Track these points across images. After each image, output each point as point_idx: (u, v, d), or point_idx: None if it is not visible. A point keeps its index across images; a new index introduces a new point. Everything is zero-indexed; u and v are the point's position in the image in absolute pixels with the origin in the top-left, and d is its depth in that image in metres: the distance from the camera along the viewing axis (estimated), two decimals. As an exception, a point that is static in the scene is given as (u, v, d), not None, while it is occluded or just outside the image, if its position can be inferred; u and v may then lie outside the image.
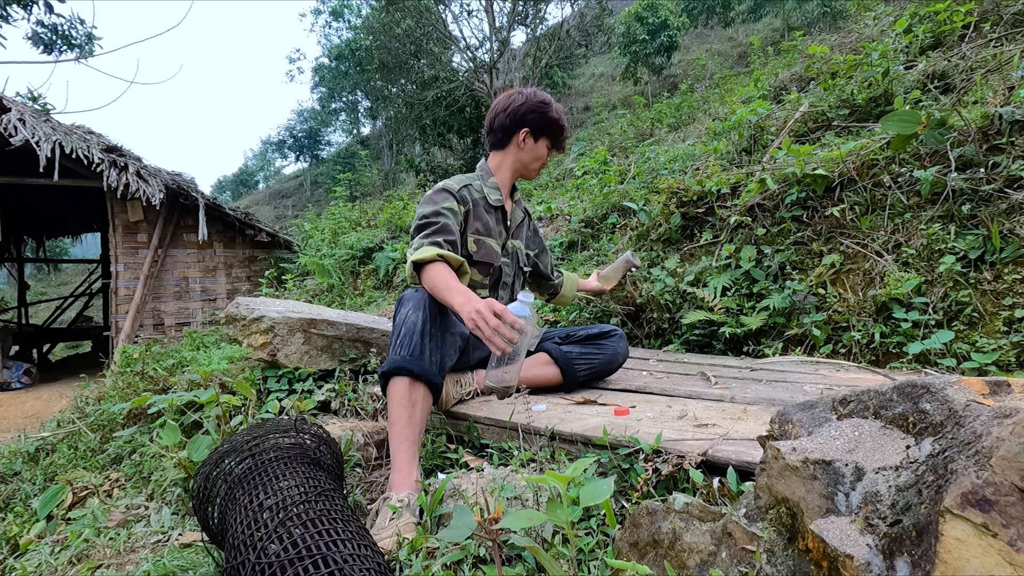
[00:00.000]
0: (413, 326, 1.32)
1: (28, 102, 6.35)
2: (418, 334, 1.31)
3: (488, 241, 1.65)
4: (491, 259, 1.66)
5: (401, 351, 1.29)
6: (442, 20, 11.41)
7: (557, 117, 1.70)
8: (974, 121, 2.08)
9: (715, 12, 16.91)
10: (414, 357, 1.28)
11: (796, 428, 0.72)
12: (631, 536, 0.81)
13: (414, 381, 1.26)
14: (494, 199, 1.69)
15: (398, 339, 1.32)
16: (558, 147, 1.74)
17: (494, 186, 1.71)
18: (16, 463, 1.93)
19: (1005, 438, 0.50)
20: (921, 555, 0.51)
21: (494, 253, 1.67)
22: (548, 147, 1.73)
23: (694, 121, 7.09)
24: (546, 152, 1.73)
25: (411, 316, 1.33)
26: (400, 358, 1.27)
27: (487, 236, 1.65)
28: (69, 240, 10.93)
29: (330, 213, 6.70)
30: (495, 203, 1.69)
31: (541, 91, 1.71)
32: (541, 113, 1.67)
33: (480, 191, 1.67)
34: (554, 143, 1.73)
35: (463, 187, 1.64)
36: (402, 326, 1.33)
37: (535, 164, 1.73)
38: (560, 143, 1.73)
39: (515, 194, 1.82)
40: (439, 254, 1.40)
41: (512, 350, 1.19)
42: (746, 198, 2.53)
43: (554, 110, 1.69)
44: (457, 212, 1.57)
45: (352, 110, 25.49)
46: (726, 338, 2.21)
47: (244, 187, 38.49)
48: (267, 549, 0.75)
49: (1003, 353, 1.66)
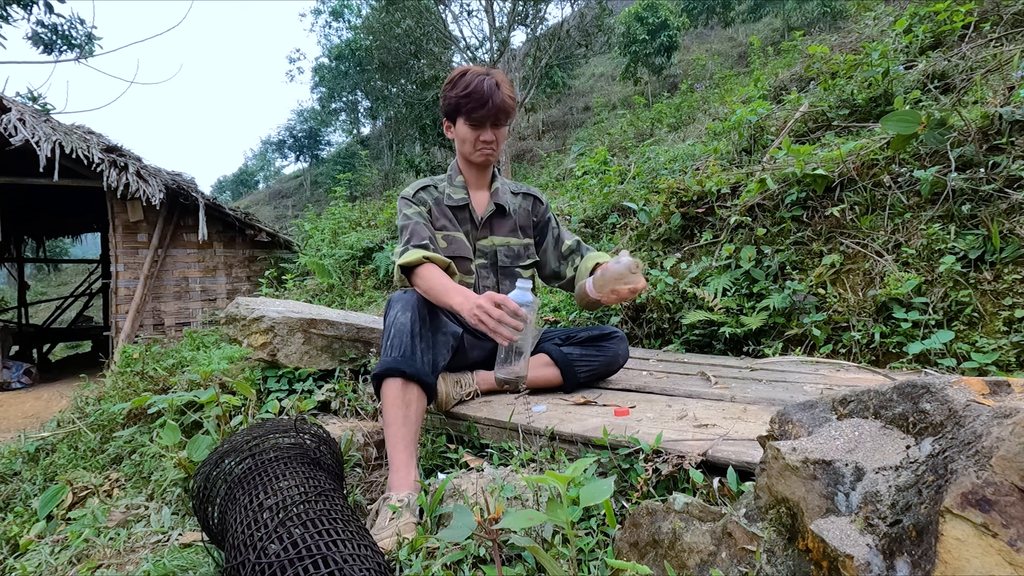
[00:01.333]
0: (403, 327, 1.32)
1: (28, 102, 6.36)
2: (408, 335, 1.31)
3: (456, 236, 1.62)
4: (464, 252, 1.62)
5: (392, 352, 1.29)
6: (442, 20, 11.41)
7: (459, 90, 1.50)
8: (974, 121, 2.08)
9: (715, 12, 16.92)
10: (406, 358, 1.28)
11: (796, 428, 0.72)
12: (631, 536, 0.81)
13: (407, 382, 1.26)
14: (457, 198, 1.64)
15: (389, 341, 1.32)
16: (473, 121, 1.52)
17: (460, 184, 1.66)
18: (16, 463, 1.93)
19: (1005, 438, 0.50)
20: (921, 555, 0.51)
21: (466, 247, 1.63)
22: (467, 124, 1.54)
23: (694, 121, 7.09)
24: (470, 131, 1.54)
25: (400, 318, 1.34)
26: (392, 359, 1.28)
27: (454, 232, 1.62)
28: (69, 240, 10.94)
29: (330, 213, 6.71)
30: (458, 202, 1.64)
31: (459, 69, 1.56)
32: (445, 95, 1.55)
33: (442, 191, 1.65)
34: (468, 117, 1.52)
35: (420, 190, 1.63)
36: (392, 328, 1.34)
37: (466, 148, 1.58)
38: (473, 113, 1.50)
39: (494, 184, 1.69)
40: (424, 256, 1.40)
41: (519, 338, 1.19)
42: (746, 198, 2.53)
43: (455, 83, 1.52)
44: (422, 214, 1.58)
45: (352, 110, 25.49)
46: (726, 338, 2.21)
47: (244, 187, 38.52)
48: (267, 549, 0.75)
49: (1003, 353, 1.66)
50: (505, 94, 1.51)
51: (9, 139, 5.26)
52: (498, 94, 1.49)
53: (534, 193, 1.77)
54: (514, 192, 1.75)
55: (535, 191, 1.78)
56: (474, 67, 1.54)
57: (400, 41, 11.89)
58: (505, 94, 1.51)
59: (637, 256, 2.84)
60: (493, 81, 1.50)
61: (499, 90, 1.50)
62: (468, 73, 1.52)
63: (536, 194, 1.77)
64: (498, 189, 1.69)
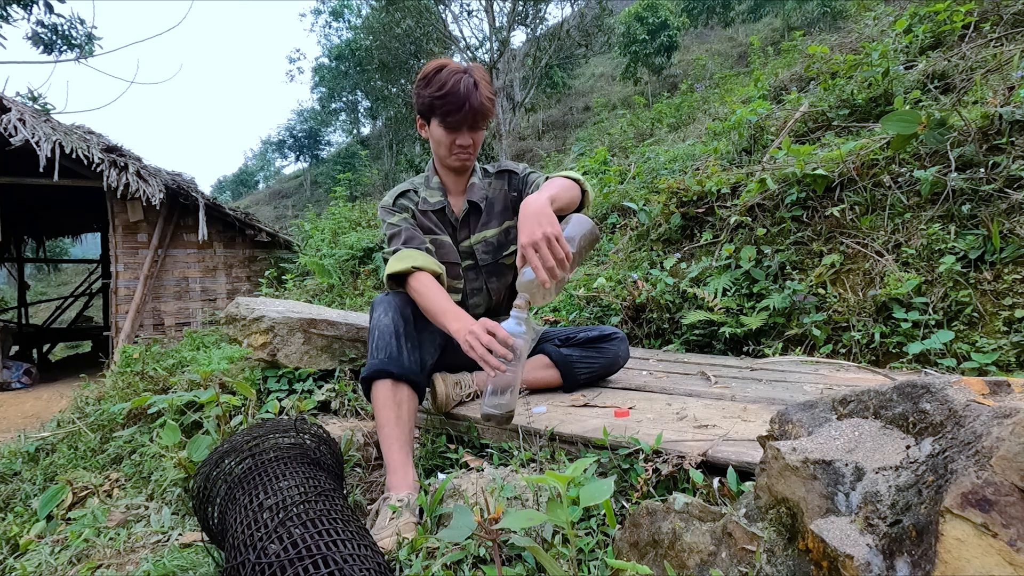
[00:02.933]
0: (387, 328, 1.31)
1: (28, 102, 6.35)
2: (393, 336, 1.30)
3: (443, 239, 1.54)
4: (452, 257, 1.54)
5: (379, 355, 1.29)
6: (442, 20, 11.42)
7: (433, 89, 1.35)
8: (974, 121, 2.08)
9: (715, 12, 16.92)
10: (392, 359, 1.27)
11: (796, 428, 0.72)
12: (631, 536, 0.81)
13: (396, 382, 1.26)
14: (434, 201, 1.54)
15: (374, 343, 1.31)
16: (448, 124, 1.39)
17: (436, 186, 1.55)
18: (16, 463, 1.93)
19: (1005, 438, 0.50)
20: (921, 555, 0.51)
21: (453, 251, 1.55)
22: (442, 127, 1.40)
23: (694, 121, 7.09)
24: (445, 134, 1.41)
25: (383, 319, 1.33)
26: (379, 361, 1.27)
27: (441, 236, 1.54)
28: (69, 240, 10.94)
29: (330, 213, 6.71)
30: (435, 206, 1.54)
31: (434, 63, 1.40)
32: (418, 92, 1.40)
33: (420, 195, 1.56)
34: (443, 120, 1.39)
35: (399, 196, 1.54)
36: (376, 330, 1.33)
37: (441, 151, 1.47)
38: (448, 116, 1.37)
39: (472, 178, 1.57)
40: (413, 266, 1.35)
41: (508, 369, 1.13)
42: (746, 198, 2.53)
43: (430, 80, 1.37)
44: (408, 220, 1.51)
45: (352, 110, 25.50)
46: (726, 338, 2.21)
47: (244, 187, 38.53)
48: (267, 549, 0.75)
49: (1003, 353, 1.66)
50: (484, 95, 1.37)
51: (9, 139, 5.26)
52: (476, 95, 1.35)
53: (508, 167, 1.61)
54: (487, 177, 1.61)
55: (510, 164, 1.63)
56: (451, 63, 1.39)
57: (400, 41, 11.90)
58: (484, 95, 1.37)
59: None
60: (471, 80, 1.35)
61: (477, 91, 1.36)
62: (444, 70, 1.36)
63: (510, 167, 1.61)
64: (473, 185, 1.56)
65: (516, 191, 1.59)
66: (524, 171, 1.61)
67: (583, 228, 1.27)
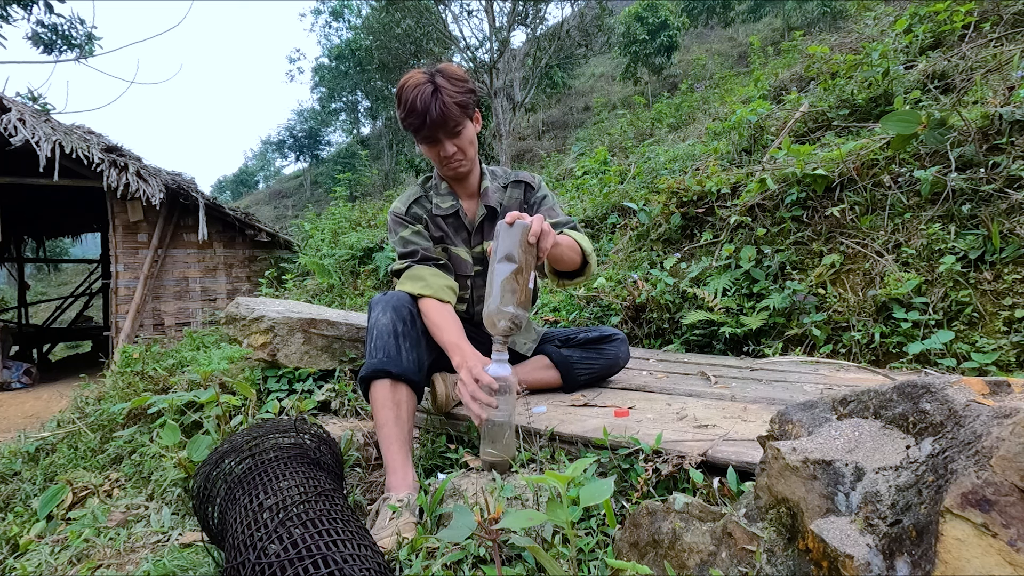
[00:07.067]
0: (385, 328, 1.31)
1: (28, 102, 6.35)
2: (391, 335, 1.30)
3: (454, 251, 1.55)
4: (463, 270, 1.56)
5: (377, 354, 1.29)
6: (442, 20, 11.41)
7: (401, 110, 1.36)
8: (974, 121, 2.08)
9: (715, 12, 16.93)
10: (391, 358, 1.27)
11: (796, 428, 0.72)
12: (631, 536, 0.81)
13: (395, 382, 1.26)
14: (445, 207, 1.54)
15: (372, 343, 1.31)
16: (421, 140, 1.40)
17: (446, 191, 1.55)
18: (16, 463, 1.93)
19: (1005, 438, 0.50)
20: (921, 555, 0.51)
21: (463, 263, 1.56)
22: (420, 143, 1.43)
23: (694, 121, 7.10)
24: (427, 149, 1.43)
25: (381, 319, 1.33)
26: (377, 361, 1.27)
27: (452, 245, 1.55)
28: (69, 240, 10.94)
29: (330, 213, 6.71)
30: (447, 211, 1.54)
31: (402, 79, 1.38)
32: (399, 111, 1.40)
33: (431, 201, 1.56)
34: (416, 137, 1.40)
35: (412, 203, 1.55)
36: (374, 330, 1.33)
37: (435, 164, 1.50)
38: (417, 133, 1.38)
39: (483, 183, 1.56)
40: (420, 292, 1.39)
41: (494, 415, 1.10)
42: (746, 198, 2.53)
43: (399, 99, 1.36)
44: (420, 233, 1.51)
45: (352, 110, 25.51)
46: (726, 338, 2.21)
47: (244, 187, 38.54)
48: (267, 549, 0.75)
49: (1003, 353, 1.66)
50: (445, 99, 1.32)
51: (9, 139, 5.26)
52: (435, 105, 1.31)
53: (524, 179, 1.63)
54: (504, 184, 1.62)
55: (526, 176, 1.64)
56: (415, 75, 1.35)
57: (400, 41, 11.90)
58: (445, 99, 1.32)
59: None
60: (429, 90, 1.31)
61: (438, 98, 1.31)
62: (406, 87, 1.34)
63: (527, 179, 1.63)
64: (487, 189, 1.56)
65: (529, 204, 1.61)
66: (539, 189, 1.62)
67: (516, 237, 1.11)
